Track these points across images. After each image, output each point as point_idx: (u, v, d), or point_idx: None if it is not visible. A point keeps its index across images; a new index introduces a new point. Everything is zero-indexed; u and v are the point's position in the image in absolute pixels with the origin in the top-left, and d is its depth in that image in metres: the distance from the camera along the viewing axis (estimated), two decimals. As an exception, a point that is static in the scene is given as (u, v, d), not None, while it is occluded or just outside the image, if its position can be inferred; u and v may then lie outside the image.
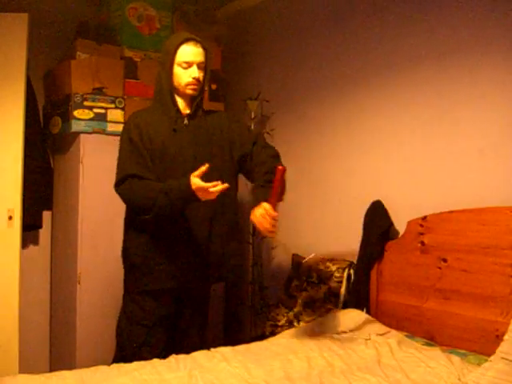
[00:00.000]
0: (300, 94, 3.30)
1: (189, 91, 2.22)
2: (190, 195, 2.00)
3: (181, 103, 2.26)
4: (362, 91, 2.89)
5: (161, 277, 2.20)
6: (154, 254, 2.20)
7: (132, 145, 2.17)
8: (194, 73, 2.19)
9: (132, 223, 2.26)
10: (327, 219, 3.08)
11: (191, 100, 2.27)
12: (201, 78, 2.23)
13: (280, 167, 1.97)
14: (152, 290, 2.21)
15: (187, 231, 2.20)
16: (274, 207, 1.97)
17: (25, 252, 3.13)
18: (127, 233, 2.30)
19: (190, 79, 2.19)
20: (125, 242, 2.30)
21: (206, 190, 1.96)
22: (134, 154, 2.16)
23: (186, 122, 2.24)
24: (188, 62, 2.18)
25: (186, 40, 2.19)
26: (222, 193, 2.01)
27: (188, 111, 2.27)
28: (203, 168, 1.97)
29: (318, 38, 3.19)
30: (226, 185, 1.98)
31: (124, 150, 2.20)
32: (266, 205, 1.96)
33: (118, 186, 2.17)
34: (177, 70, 2.20)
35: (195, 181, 1.97)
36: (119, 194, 2.18)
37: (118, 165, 2.20)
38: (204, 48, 2.23)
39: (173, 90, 2.23)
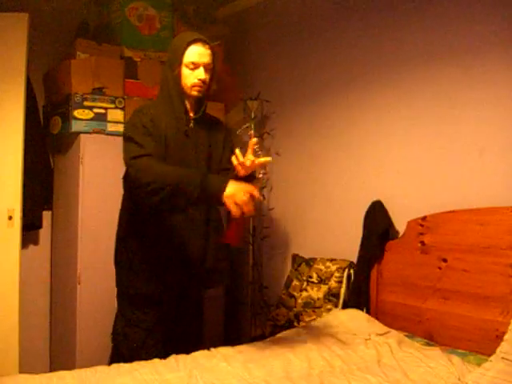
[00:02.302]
0: (300, 94, 3.30)
1: (194, 93, 2.18)
2: (218, 193, 1.86)
3: (186, 104, 2.24)
4: (363, 91, 2.89)
5: (158, 281, 2.19)
6: (151, 259, 2.19)
7: (146, 130, 2.09)
8: (201, 74, 2.14)
9: (129, 228, 2.24)
10: (327, 219, 3.08)
11: (196, 101, 2.24)
12: (207, 80, 2.18)
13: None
14: (151, 293, 2.20)
15: (183, 237, 2.20)
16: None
17: (25, 252, 3.13)
18: (124, 238, 2.26)
19: (196, 80, 2.15)
20: (120, 246, 2.28)
21: (240, 193, 1.84)
22: (150, 138, 2.07)
23: (191, 125, 2.22)
24: (195, 63, 2.14)
25: (195, 41, 2.15)
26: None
27: (192, 114, 2.24)
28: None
29: (318, 37, 3.19)
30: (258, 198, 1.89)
31: (139, 134, 2.06)
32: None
33: (133, 161, 2.01)
34: (183, 70, 2.16)
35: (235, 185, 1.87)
36: (131, 169, 2.00)
37: (132, 146, 2.04)
38: (212, 49, 2.19)
39: (181, 91, 2.19)
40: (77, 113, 2.96)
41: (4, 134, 2.86)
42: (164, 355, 2.08)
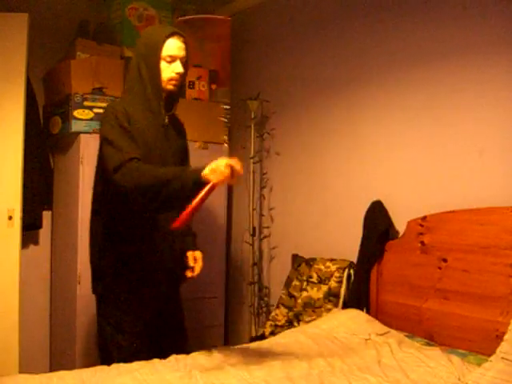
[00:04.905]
0: (300, 94, 3.30)
1: (170, 86, 2.14)
2: (202, 177, 1.79)
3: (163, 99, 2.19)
4: (362, 91, 2.89)
5: (142, 282, 2.15)
6: (130, 262, 2.14)
7: (124, 130, 2.02)
8: (178, 68, 2.12)
9: (107, 233, 2.16)
10: (327, 219, 3.08)
11: (168, 96, 2.18)
12: (183, 74, 2.16)
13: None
14: (136, 294, 2.15)
15: (159, 237, 2.17)
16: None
17: (25, 252, 3.13)
18: (102, 243, 2.17)
19: (173, 74, 2.12)
20: (99, 252, 2.18)
21: (218, 168, 1.77)
22: (129, 139, 2.01)
23: (166, 120, 2.19)
24: (172, 56, 2.11)
25: (172, 34, 2.13)
26: None
27: (163, 110, 2.18)
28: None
29: (318, 38, 3.19)
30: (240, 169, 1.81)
31: (117, 136, 2.00)
32: None
33: (117, 171, 1.91)
34: (160, 64, 2.12)
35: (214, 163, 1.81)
36: (119, 179, 1.90)
37: (111, 151, 1.97)
38: (186, 43, 2.16)
39: (159, 86, 2.13)
40: (77, 113, 2.96)
41: (4, 134, 2.86)
42: (152, 357, 2.03)
